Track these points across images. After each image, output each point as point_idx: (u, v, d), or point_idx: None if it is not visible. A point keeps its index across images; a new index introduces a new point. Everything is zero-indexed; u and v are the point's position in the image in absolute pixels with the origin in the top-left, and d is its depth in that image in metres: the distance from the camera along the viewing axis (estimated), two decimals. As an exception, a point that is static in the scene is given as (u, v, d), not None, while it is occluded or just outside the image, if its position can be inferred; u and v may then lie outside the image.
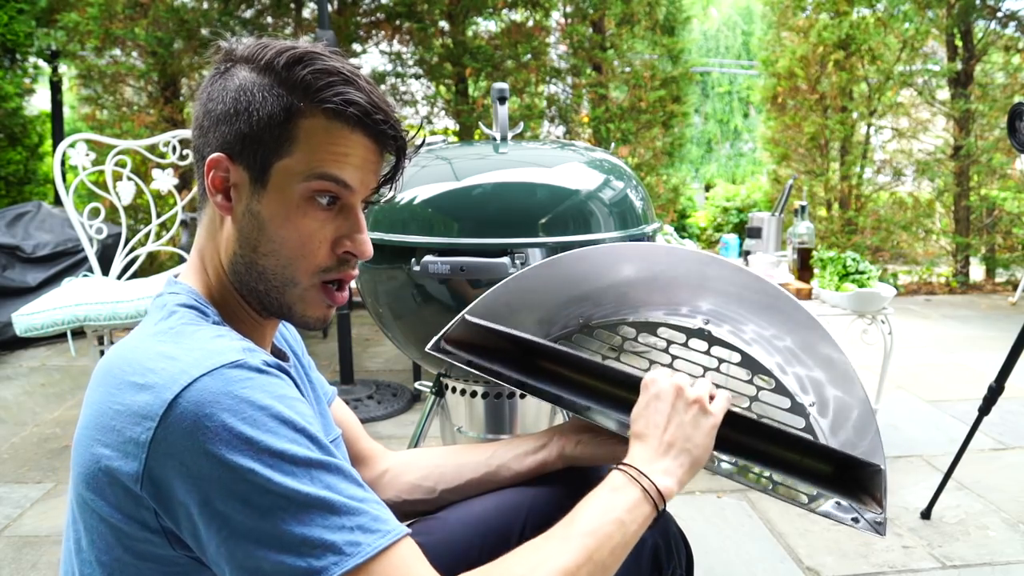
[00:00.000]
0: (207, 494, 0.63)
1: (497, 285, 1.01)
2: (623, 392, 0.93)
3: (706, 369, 1.01)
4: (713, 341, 1.01)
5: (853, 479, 0.88)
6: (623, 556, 0.76)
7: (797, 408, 0.96)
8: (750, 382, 0.98)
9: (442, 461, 1.04)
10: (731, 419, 0.89)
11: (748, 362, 0.99)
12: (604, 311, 1.05)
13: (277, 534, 0.63)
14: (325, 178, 0.74)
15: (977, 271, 5.63)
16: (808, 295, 2.47)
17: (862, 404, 0.91)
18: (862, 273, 2.46)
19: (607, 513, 0.76)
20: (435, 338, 0.97)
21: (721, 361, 1.00)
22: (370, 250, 0.79)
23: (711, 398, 0.86)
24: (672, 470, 0.80)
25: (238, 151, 0.75)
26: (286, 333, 0.98)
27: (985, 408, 2.08)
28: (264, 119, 0.73)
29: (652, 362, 1.03)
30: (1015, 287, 5.15)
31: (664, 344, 1.03)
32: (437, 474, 1.03)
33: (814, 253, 2.62)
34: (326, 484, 0.65)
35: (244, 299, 0.79)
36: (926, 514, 2.15)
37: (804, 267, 2.60)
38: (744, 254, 2.84)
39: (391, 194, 0.82)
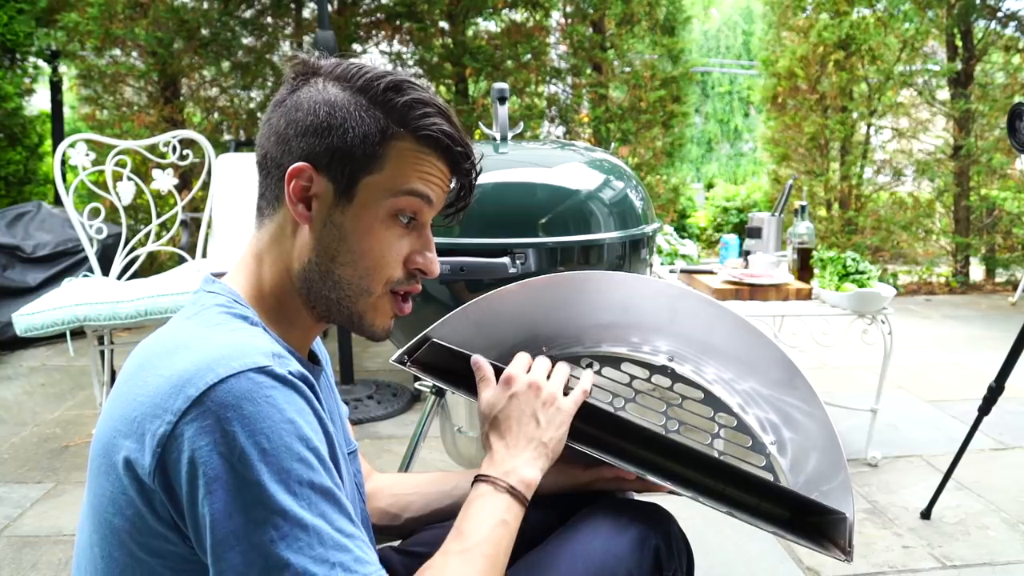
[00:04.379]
0: (209, 494, 0.63)
1: (462, 307, 1.01)
2: (582, 425, 0.93)
3: (669, 404, 1.00)
4: (676, 378, 1.01)
5: (813, 524, 0.86)
6: (510, 549, 0.82)
7: (758, 447, 0.96)
8: (712, 419, 0.98)
9: (412, 491, 1.07)
10: (688, 455, 0.90)
11: (711, 400, 0.99)
12: (566, 342, 1.05)
13: (264, 551, 0.63)
14: (413, 194, 0.78)
15: (977, 271, 5.63)
16: (808, 295, 2.47)
17: (829, 448, 0.90)
18: (862, 273, 2.46)
19: (490, 519, 0.81)
20: (398, 353, 0.98)
21: (684, 398, 1.00)
22: (438, 268, 0.84)
23: (567, 391, 0.93)
24: (531, 462, 0.86)
25: (324, 163, 0.77)
26: (316, 344, 0.98)
27: (985, 408, 2.08)
28: (359, 137, 0.76)
29: (614, 396, 1.02)
30: (1015, 287, 5.16)
31: (627, 379, 1.02)
32: (404, 503, 1.06)
33: (814, 253, 2.61)
34: (321, 512, 0.66)
35: (309, 304, 0.81)
36: (926, 514, 2.15)
37: (804, 267, 2.60)
38: (744, 254, 2.84)
39: (453, 222, 0.88)
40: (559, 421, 0.89)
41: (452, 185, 0.83)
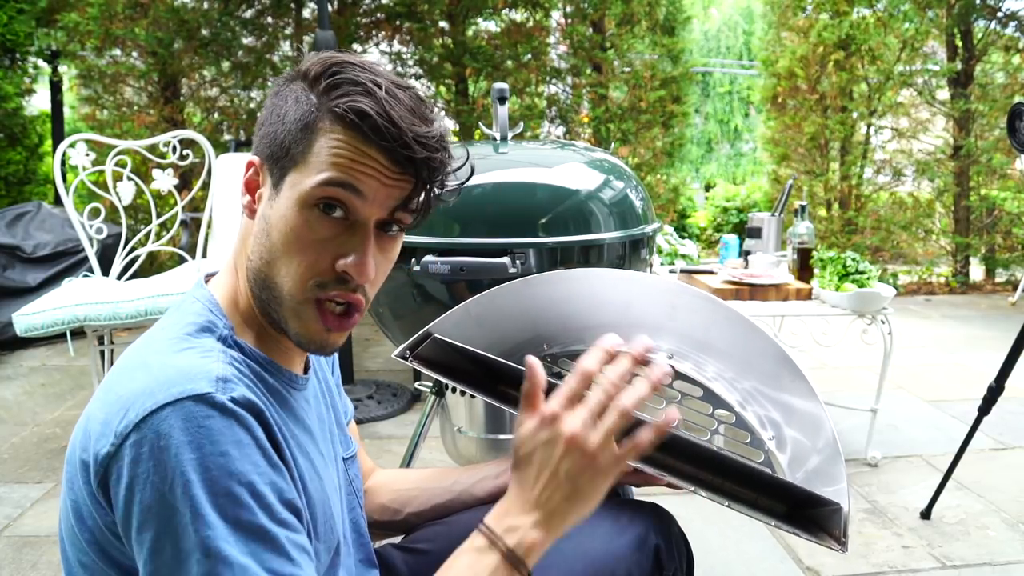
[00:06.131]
0: (143, 520, 0.63)
1: (464, 303, 1.00)
2: None
3: (668, 401, 1.00)
4: (676, 375, 1.01)
5: (810, 517, 0.86)
6: None
7: (756, 443, 0.96)
8: (711, 416, 0.98)
9: (412, 486, 1.07)
10: (685, 449, 0.89)
11: (710, 397, 0.99)
12: (568, 339, 1.05)
13: None
14: (329, 183, 0.70)
15: (977, 271, 5.63)
16: (808, 295, 2.47)
17: (827, 446, 0.90)
18: (862, 273, 2.46)
19: None
20: (400, 348, 0.97)
21: (683, 395, 1.01)
22: (367, 273, 0.72)
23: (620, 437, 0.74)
24: (543, 523, 0.73)
25: (267, 155, 0.74)
26: None
27: (985, 408, 2.08)
28: (290, 125, 0.72)
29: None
30: (1015, 287, 5.16)
31: (628, 376, 1.02)
32: (405, 498, 1.05)
33: (814, 253, 2.61)
34: (250, 551, 0.63)
35: (258, 309, 0.77)
36: (926, 514, 2.15)
37: (804, 267, 2.60)
38: (744, 254, 2.84)
39: (416, 222, 0.77)
40: (591, 490, 0.73)
41: (403, 177, 0.72)
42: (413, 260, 1.26)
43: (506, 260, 1.23)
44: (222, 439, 0.64)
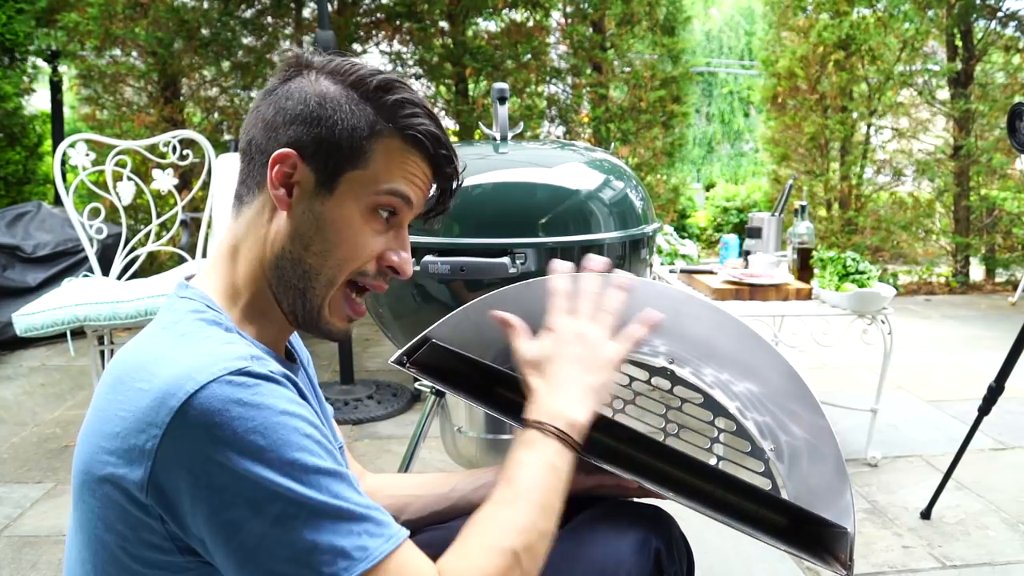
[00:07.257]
0: (217, 503, 0.63)
1: (463, 307, 1.00)
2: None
3: (668, 407, 1.00)
4: (676, 381, 1.01)
5: (814, 535, 0.85)
6: (564, 494, 0.80)
7: (756, 452, 0.95)
8: (711, 424, 0.98)
9: (409, 492, 1.06)
10: (687, 464, 0.89)
11: (710, 404, 0.98)
12: None
13: (288, 541, 0.63)
14: (395, 194, 0.79)
15: (977, 271, 5.63)
16: (808, 295, 2.47)
17: (830, 457, 0.89)
18: (862, 273, 2.46)
19: (539, 464, 0.80)
20: (398, 353, 0.97)
21: (684, 401, 1.00)
22: (411, 270, 0.84)
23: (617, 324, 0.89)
24: (578, 403, 0.84)
25: (310, 152, 0.77)
26: (296, 344, 0.98)
27: (985, 408, 2.08)
28: (347, 130, 0.77)
29: (613, 397, 1.01)
30: (1015, 287, 5.16)
31: (627, 380, 1.02)
32: (401, 504, 1.05)
33: (814, 253, 2.61)
34: (334, 492, 0.66)
35: (278, 297, 0.81)
36: (926, 514, 2.15)
37: (804, 267, 2.60)
38: (744, 254, 2.84)
39: (432, 226, 0.88)
40: (604, 365, 0.86)
41: (433, 189, 0.84)
42: (413, 260, 1.26)
43: (506, 260, 1.23)
44: (279, 401, 0.67)
